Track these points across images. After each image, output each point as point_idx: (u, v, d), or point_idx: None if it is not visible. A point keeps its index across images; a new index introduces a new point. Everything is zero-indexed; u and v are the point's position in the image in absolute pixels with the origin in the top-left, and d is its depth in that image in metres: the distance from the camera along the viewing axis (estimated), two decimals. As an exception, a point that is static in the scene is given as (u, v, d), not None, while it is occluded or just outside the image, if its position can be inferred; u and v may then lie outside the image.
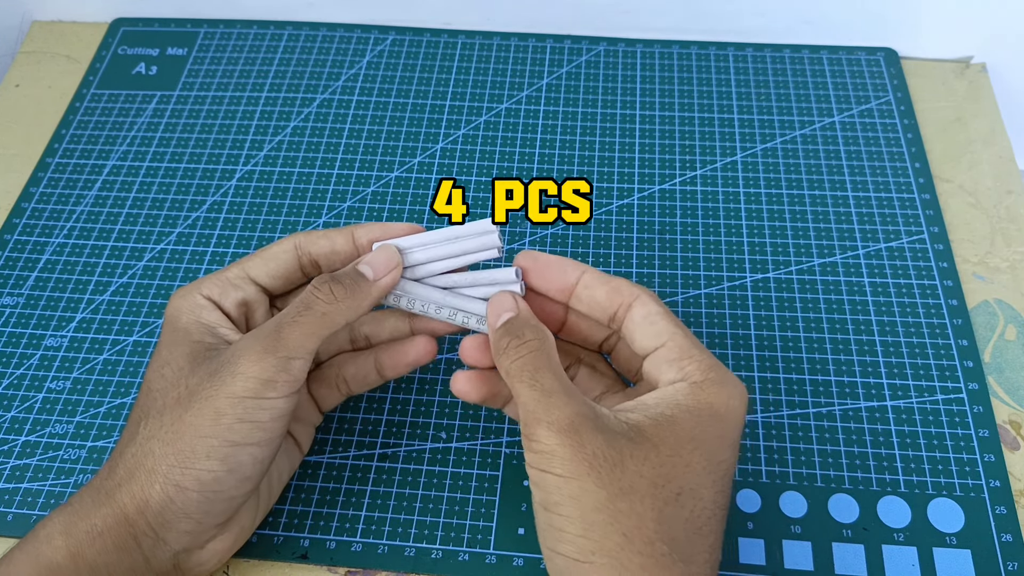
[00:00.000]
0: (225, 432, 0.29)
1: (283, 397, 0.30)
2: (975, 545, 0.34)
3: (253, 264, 0.35)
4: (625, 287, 0.32)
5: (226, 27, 0.54)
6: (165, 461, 0.29)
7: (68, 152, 0.49)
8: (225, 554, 0.32)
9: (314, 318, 0.31)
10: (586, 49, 0.53)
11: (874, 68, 0.51)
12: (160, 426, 0.30)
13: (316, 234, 0.35)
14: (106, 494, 0.29)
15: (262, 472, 0.31)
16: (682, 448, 0.28)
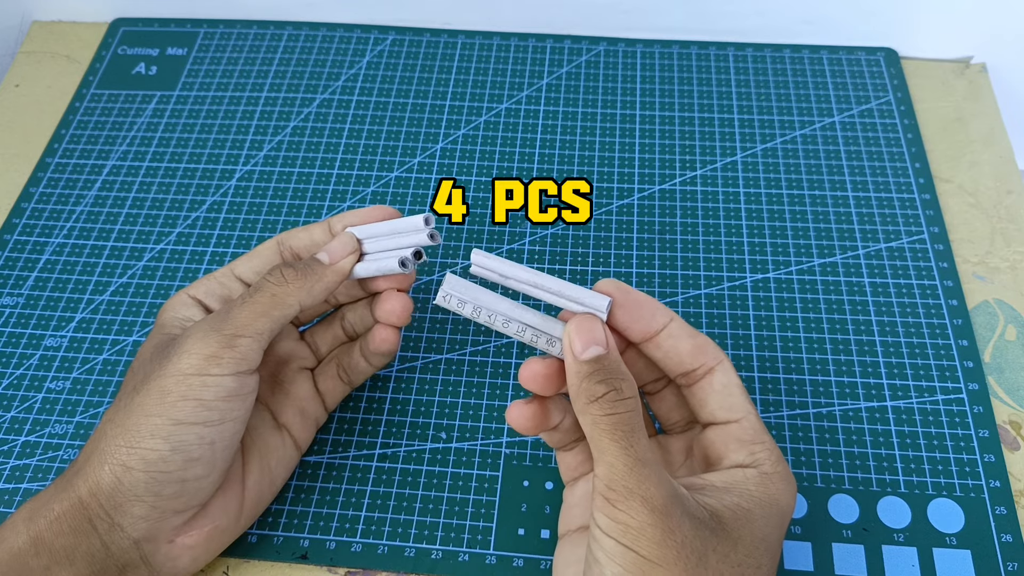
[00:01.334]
0: (169, 410, 0.29)
1: (229, 375, 0.30)
2: (975, 545, 0.34)
3: (239, 262, 0.36)
4: (711, 348, 0.30)
5: (226, 27, 0.54)
6: (114, 442, 0.29)
7: (68, 152, 0.49)
8: (200, 552, 0.32)
9: (263, 298, 0.32)
10: (586, 49, 0.53)
11: (874, 68, 0.51)
12: (116, 411, 0.30)
13: (297, 229, 0.36)
14: (66, 481, 0.30)
15: (213, 456, 0.30)
16: (756, 548, 0.27)
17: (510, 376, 0.40)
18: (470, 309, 0.30)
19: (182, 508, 0.31)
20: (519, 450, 0.38)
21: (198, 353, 0.30)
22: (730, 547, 0.27)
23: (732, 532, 0.27)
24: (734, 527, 0.27)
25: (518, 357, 0.40)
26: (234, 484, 0.33)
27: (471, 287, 0.30)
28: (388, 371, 0.40)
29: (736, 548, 0.27)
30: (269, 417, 0.35)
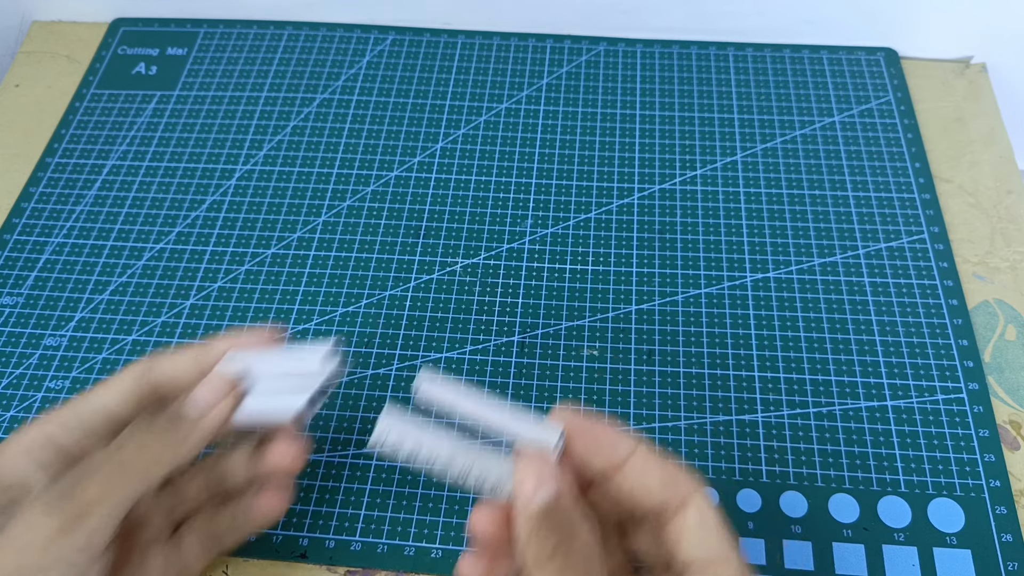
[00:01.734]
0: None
1: (69, 563, 0.26)
2: (975, 545, 0.34)
3: (87, 399, 0.30)
4: (682, 480, 0.26)
5: (226, 27, 0.54)
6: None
7: (68, 152, 0.49)
8: None
9: (116, 467, 0.27)
10: (586, 49, 0.53)
11: (874, 68, 0.51)
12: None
13: (163, 356, 0.31)
14: None
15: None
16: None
17: (509, 375, 0.40)
18: (407, 451, 0.28)
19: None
20: (519, 449, 0.38)
21: (34, 535, 0.25)
22: None
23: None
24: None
25: (518, 356, 0.40)
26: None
27: (409, 424, 0.28)
28: (388, 369, 0.40)
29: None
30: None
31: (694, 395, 0.39)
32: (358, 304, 0.42)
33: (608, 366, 0.40)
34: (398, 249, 0.44)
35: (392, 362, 0.40)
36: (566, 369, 0.40)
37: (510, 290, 0.42)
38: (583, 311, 0.42)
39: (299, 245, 0.44)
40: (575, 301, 0.42)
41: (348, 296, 0.42)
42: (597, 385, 0.39)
